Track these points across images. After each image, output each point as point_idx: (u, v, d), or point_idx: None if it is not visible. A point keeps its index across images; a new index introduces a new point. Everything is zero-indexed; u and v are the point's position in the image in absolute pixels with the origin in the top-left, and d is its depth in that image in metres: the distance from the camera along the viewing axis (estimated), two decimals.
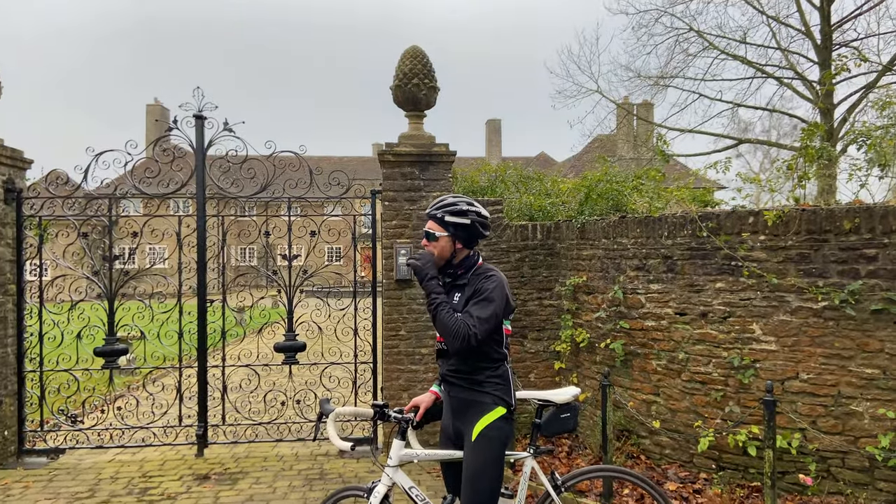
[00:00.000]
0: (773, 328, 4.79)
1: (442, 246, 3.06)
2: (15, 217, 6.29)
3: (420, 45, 6.59)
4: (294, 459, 6.22)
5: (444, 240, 3.05)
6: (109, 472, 5.90)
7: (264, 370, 7.44)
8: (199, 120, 6.37)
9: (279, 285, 6.67)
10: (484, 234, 3.13)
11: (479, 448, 2.91)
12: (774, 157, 16.06)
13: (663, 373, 5.43)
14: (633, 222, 5.69)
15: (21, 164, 6.44)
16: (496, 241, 6.67)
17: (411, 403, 3.13)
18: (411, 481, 3.09)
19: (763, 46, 16.71)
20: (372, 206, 6.81)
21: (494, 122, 54.59)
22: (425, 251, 3.08)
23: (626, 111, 20.64)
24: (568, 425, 3.25)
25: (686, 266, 5.25)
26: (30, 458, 6.27)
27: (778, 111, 17.35)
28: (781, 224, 4.72)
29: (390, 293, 6.43)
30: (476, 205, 3.11)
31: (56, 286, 6.61)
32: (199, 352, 6.48)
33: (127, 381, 9.67)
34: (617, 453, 5.53)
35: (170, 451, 6.51)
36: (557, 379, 6.64)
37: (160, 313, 6.66)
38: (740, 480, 4.91)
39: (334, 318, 6.70)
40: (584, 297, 6.31)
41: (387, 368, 6.40)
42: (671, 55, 17.42)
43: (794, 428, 4.66)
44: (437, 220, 3.07)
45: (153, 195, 6.69)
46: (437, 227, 3.06)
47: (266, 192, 6.77)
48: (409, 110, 6.60)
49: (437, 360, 3.21)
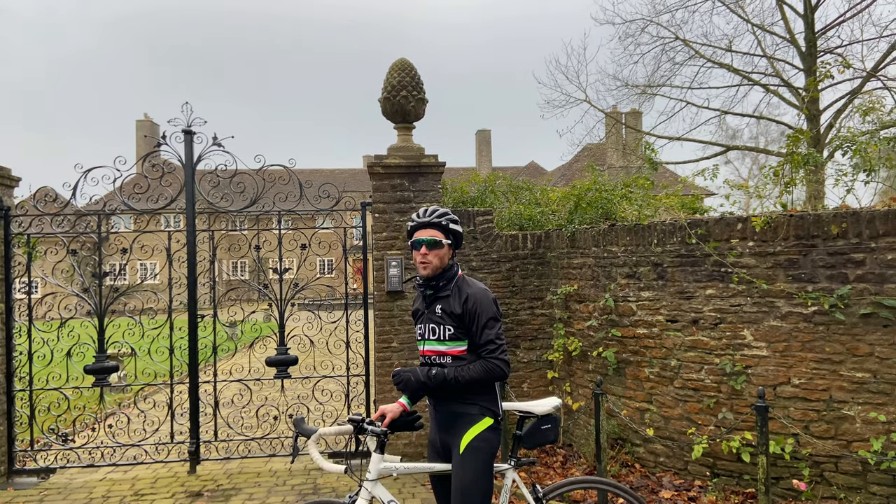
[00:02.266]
0: (764, 334, 4.81)
1: (444, 254, 3.07)
2: (3, 235, 6.25)
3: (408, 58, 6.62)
4: (287, 475, 6.17)
5: (446, 247, 3.07)
6: (101, 491, 5.84)
7: (256, 385, 7.40)
8: (189, 135, 6.36)
9: (270, 299, 6.65)
10: (461, 245, 3.20)
11: (468, 460, 2.90)
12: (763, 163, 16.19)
13: (656, 380, 5.44)
14: (623, 230, 5.72)
15: (9, 182, 6.41)
16: (486, 250, 6.68)
17: (378, 412, 3.08)
18: (391, 495, 3.06)
19: (749, 54, 16.90)
20: (362, 217, 6.81)
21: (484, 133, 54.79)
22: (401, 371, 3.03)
23: (614, 120, 20.76)
24: (549, 437, 3.23)
25: (676, 273, 5.27)
26: (20, 479, 6.19)
27: (765, 118, 17.54)
28: (770, 230, 4.75)
29: (381, 305, 6.42)
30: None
31: (45, 304, 6.56)
32: (191, 367, 6.43)
33: (118, 399, 9.58)
34: (611, 462, 5.52)
35: (162, 468, 6.45)
36: (551, 388, 6.63)
37: (151, 329, 6.62)
38: (735, 487, 4.91)
39: (326, 331, 6.67)
40: (575, 306, 6.32)
41: (380, 381, 6.37)
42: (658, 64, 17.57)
43: (787, 433, 4.67)
44: (439, 228, 3.06)
45: (143, 211, 6.66)
46: (441, 234, 3.05)
47: (256, 206, 6.75)
48: (397, 122, 6.61)
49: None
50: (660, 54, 17.45)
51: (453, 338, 2.99)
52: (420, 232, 3.07)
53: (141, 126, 45.80)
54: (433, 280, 3.07)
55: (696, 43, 16.99)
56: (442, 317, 3.01)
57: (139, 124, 46.16)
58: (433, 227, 3.06)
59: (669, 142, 17.13)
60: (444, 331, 3.00)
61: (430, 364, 3.04)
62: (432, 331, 3.05)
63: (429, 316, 3.08)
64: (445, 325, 3.00)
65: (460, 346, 2.99)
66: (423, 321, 3.12)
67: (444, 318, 3.00)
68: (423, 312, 3.13)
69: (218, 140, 6.46)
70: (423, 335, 3.10)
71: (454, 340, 2.99)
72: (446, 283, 3.07)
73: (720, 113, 17.35)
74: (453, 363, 2.98)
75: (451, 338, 2.99)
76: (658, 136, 17.16)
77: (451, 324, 2.98)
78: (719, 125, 21.09)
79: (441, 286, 3.06)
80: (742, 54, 16.99)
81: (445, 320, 3.00)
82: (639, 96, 18.03)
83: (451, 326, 2.98)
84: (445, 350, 3.00)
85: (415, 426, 3.10)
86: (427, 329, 3.08)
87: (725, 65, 16.85)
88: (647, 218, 6.00)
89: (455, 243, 3.12)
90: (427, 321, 3.08)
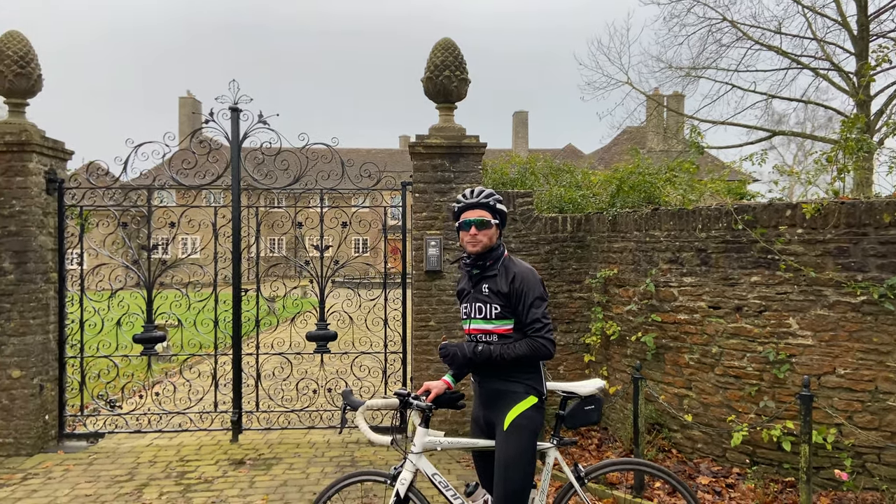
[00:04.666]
0: (810, 322, 4.73)
1: (492, 234, 3.10)
2: (57, 207, 6.46)
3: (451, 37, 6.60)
4: (326, 447, 6.32)
5: (494, 227, 3.10)
6: (148, 456, 6.06)
7: (296, 358, 7.56)
8: (235, 112, 6.47)
9: (311, 275, 6.76)
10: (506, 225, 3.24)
11: (512, 437, 2.93)
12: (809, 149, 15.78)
13: (696, 367, 5.40)
14: (667, 215, 5.65)
15: (62, 155, 6.61)
16: (525, 233, 6.67)
17: (423, 388, 3.13)
18: (434, 468, 3.12)
19: (798, 37, 16.37)
20: (402, 197, 6.86)
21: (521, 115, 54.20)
22: (448, 344, 3.09)
23: (656, 103, 20.38)
24: (592, 418, 3.26)
25: (720, 259, 5.21)
26: (70, 442, 6.45)
27: (813, 102, 17.01)
28: (820, 217, 4.65)
29: (420, 284, 6.48)
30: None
31: (96, 274, 6.78)
32: (234, 340, 6.60)
33: (164, 368, 9.88)
34: (648, 447, 5.52)
35: (205, 436, 6.66)
36: (587, 371, 6.63)
37: (196, 302, 6.80)
38: (774, 475, 4.87)
39: (364, 309, 6.76)
40: (614, 290, 6.29)
41: (416, 359, 6.46)
42: (703, 45, 17.12)
43: (829, 423, 4.61)
44: (487, 209, 3.09)
45: (190, 186, 6.81)
46: (489, 214, 3.09)
47: (299, 184, 6.85)
48: (439, 102, 6.61)
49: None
50: (706, 36, 17.02)
51: (500, 316, 3.01)
52: (468, 212, 3.09)
53: (184, 102, 46.46)
54: (480, 259, 3.10)
55: (743, 24, 16.52)
56: (489, 295, 3.04)
57: (182, 101, 46.83)
58: (481, 207, 3.09)
59: (713, 126, 16.76)
60: (491, 309, 3.03)
61: (477, 342, 3.07)
62: (479, 310, 3.07)
63: (475, 295, 3.10)
64: (492, 303, 3.02)
65: (506, 325, 3.02)
66: (468, 300, 3.15)
67: (491, 296, 3.03)
68: (469, 292, 3.16)
69: (263, 118, 6.56)
70: (469, 314, 3.13)
71: (500, 319, 3.02)
72: (493, 262, 3.09)
73: (767, 97, 16.88)
74: (499, 342, 3.01)
75: (498, 316, 3.02)
76: (702, 120, 16.78)
77: (498, 302, 3.01)
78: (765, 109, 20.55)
79: (488, 266, 3.09)
80: (791, 37, 16.46)
81: (492, 299, 3.02)
82: (682, 79, 17.63)
83: (498, 305, 3.01)
84: (492, 329, 3.03)
85: (457, 405, 3.16)
86: (473, 308, 3.10)
87: (774, 47, 16.36)
88: (692, 203, 5.92)
89: (501, 223, 3.15)
90: (473, 300, 3.11)
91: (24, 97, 6.27)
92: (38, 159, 6.19)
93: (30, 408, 6.05)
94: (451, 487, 3.11)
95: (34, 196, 6.11)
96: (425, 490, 3.61)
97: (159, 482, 5.36)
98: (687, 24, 17.24)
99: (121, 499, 5.00)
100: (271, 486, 5.24)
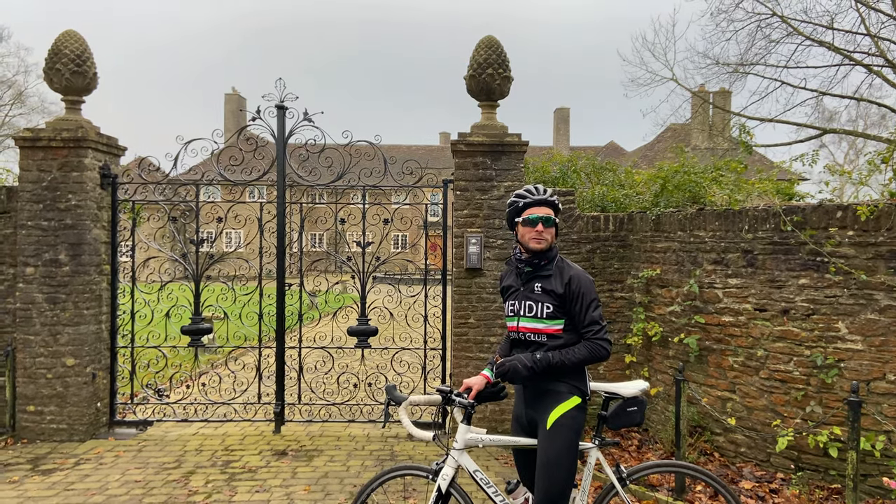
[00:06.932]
0: (860, 327, 4.61)
1: (554, 232, 3.13)
2: (110, 201, 6.69)
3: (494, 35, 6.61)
4: (366, 440, 6.41)
5: (555, 226, 3.13)
6: (194, 444, 6.23)
7: (338, 353, 7.68)
8: (281, 110, 6.59)
9: (353, 271, 6.85)
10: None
11: (554, 436, 2.94)
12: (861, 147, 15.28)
13: (740, 369, 5.31)
14: (712, 215, 5.57)
15: (116, 151, 6.83)
16: (567, 231, 6.64)
17: (463, 385, 3.14)
18: (476, 465, 3.14)
19: (851, 32, 15.86)
20: (444, 195, 6.89)
21: (563, 111, 53.76)
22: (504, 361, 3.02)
23: (702, 99, 20.00)
24: (634, 419, 3.21)
25: (767, 261, 5.11)
26: (120, 429, 6.67)
27: (866, 100, 16.49)
28: (873, 219, 4.53)
29: (460, 281, 6.51)
30: None
31: (146, 267, 6.99)
32: (278, 333, 6.73)
33: (210, 359, 10.13)
34: (689, 449, 5.45)
35: (249, 426, 6.82)
36: (628, 372, 6.58)
37: (242, 295, 6.96)
38: (819, 482, 4.77)
39: (405, 305, 6.83)
40: (657, 291, 6.22)
41: (456, 356, 6.49)
42: (752, 41, 16.76)
43: (878, 430, 4.49)
44: (552, 206, 3.12)
45: (237, 182, 6.97)
46: (552, 212, 3.11)
47: (342, 181, 6.95)
48: (482, 100, 6.62)
49: (511, 349, 3.23)
50: (754, 31, 16.65)
51: (551, 316, 3.01)
52: (535, 209, 3.09)
53: (229, 99, 47.43)
54: (536, 258, 3.10)
55: (794, 20, 16.10)
56: (541, 294, 3.03)
57: (227, 97, 47.80)
58: (547, 204, 3.11)
59: (760, 123, 16.37)
60: (543, 308, 3.02)
61: (524, 341, 3.09)
62: (529, 308, 3.06)
63: (525, 293, 3.10)
64: (544, 302, 3.02)
65: (557, 325, 3.02)
66: (517, 297, 3.14)
67: (544, 296, 3.02)
68: (518, 289, 3.14)
69: (308, 115, 6.66)
70: (518, 311, 3.12)
71: (552, 319, 3.01)
72: (548, 262, 3.09)
73: (818, 94, 16.43)
74: (548, 341, 3.01)
75: (549, 316, 3.01)
76: (749, 118, 16.40)
77: (551, 302, 3.00)
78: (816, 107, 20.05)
79: (542, 265, 3.09)
80: (844, 32, 15.98)
81: (545, 298, 3.02)
82: (730, 75, 17.29)
83: (551, 305, 3.00)
84: (542, 328, 3.03)
85: (500, 396, 3.18)
86: (523, 306, 3.09)
87: (825, 43, 15.90)
88: (739, 203, 5.81)
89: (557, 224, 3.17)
90: (523, 298, 3.10)
91: (80, 94, 6.50)
92: (94, 155, 6.41)
93: (83, 395, 6.29)
94: (493, 484, 3.14)
95: (89, 190, 6.33)
96: (465, 486, 3.65)
97: (205, 470, 5.51)
98: (735, 20, 16.91)
99: (168, 485, 5.16)
100: (313, 477, 5.35)
